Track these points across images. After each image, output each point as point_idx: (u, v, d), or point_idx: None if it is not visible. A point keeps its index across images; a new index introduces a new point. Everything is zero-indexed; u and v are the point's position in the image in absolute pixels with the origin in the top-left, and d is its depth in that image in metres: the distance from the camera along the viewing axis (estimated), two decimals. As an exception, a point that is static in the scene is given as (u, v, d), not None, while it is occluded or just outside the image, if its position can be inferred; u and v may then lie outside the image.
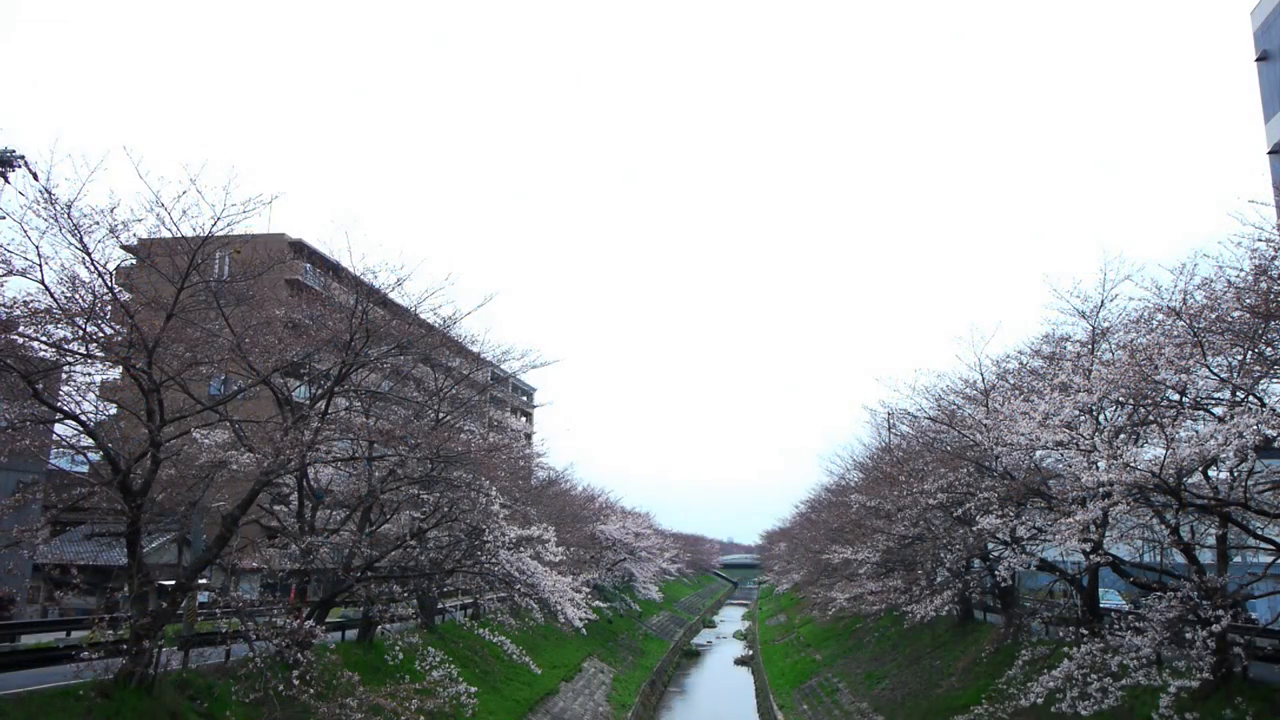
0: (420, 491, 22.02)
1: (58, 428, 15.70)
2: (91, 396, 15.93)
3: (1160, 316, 16.95)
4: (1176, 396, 15.41)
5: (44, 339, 13.95)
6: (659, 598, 70.47)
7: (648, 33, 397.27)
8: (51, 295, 13.80)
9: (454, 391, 30.80)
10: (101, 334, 14.31)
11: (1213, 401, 15.82)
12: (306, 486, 22.42)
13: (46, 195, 13.53)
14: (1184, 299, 16.46)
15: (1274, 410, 13.74)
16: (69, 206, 13.65)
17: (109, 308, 14.95)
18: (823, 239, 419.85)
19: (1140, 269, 26.58)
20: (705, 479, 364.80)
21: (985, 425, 20.05)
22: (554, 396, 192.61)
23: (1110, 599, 31.06)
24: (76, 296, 14.07)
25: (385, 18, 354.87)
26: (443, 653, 24.48)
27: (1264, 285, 13.82)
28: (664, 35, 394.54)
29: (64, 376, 14.61)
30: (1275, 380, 15.53)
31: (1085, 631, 16.95)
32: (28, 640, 20.12)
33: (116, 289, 15.06)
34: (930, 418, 26.44)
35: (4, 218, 14.18)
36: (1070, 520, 15.29)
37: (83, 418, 14.61)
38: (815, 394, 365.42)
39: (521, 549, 23.69)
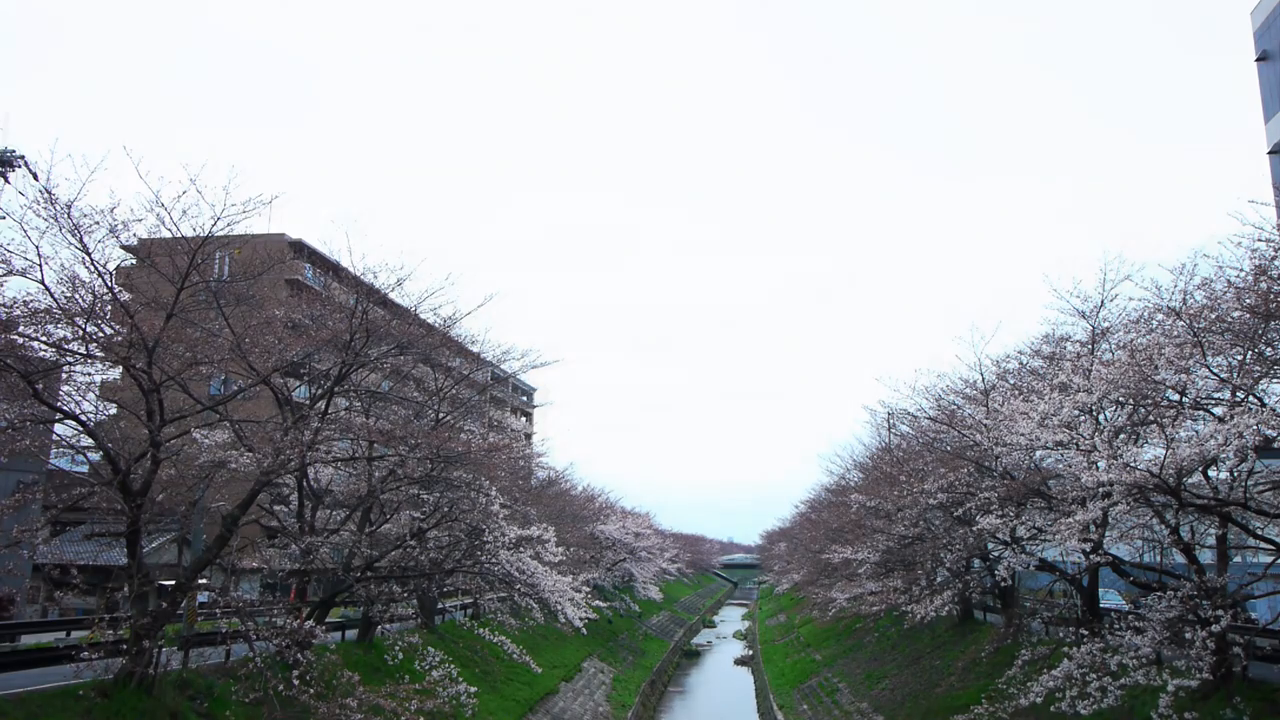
0: (420, 491, 22.01)
1: (58, 428, 15.70)
2: (91, 396, 15.91)
3: (1160, 316, 16.96)
4: (1176, 396, 15.40)
5: (44, 339, 13.93)
6: (659, 598, 70.42)
7: (650, 30, 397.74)
8: (51, 295, 13.79)
9: (454, 391, 30.79)
10: (101, 334, 14.29)
11: (1213, 401, 15.82)
12: (306, 486, 22.41)
13: (46, 195, 13.53)
14: (1184, 299, 16.48)
15: (1274, 410, 13.77)
16: (69, 206, 13.65)
17: (109, 308, 14.94)
18: (823, 239, 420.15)
19: (1140, 269, 26.52)
20: (705, 479, 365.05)
21: (985, 425, 20.05)
22: (554, 397, 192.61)
23: (1110, 599, 31.04)
24: (76, 296, 14.05)
25: (385, 17, 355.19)
26: (443, 653, 24.47)
27: (1264, 285, 13.82)
28: (667, 31, 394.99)
29: (64, 376, 14.59)
30: (1275, 380, 15.53)
31: (1085, 631, 16.95)
32: (28, 640, 20.09)
33: (116, 289, 15.04)
34: (930, 418, 26.42)
35: (4, 218, 14.20)
36: (1070, 520, 15.30)
37: (83, 418, 14.60)
38: (816, 395, 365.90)
39: (521, 549, 23.66)
